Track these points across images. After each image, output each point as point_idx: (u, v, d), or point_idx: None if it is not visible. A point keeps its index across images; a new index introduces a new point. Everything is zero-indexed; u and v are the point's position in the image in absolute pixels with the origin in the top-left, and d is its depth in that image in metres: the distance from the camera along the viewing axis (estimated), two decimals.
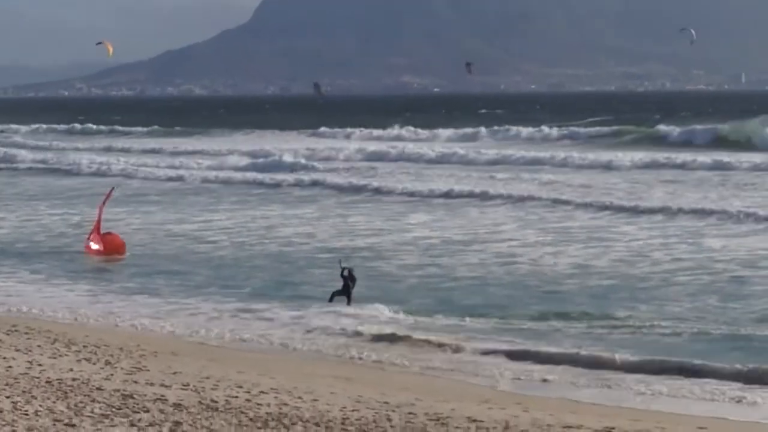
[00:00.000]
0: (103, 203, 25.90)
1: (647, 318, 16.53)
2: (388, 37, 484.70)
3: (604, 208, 31.33)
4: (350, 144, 64.23)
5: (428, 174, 45.40)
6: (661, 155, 48.04)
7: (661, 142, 58.50)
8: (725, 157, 45.54)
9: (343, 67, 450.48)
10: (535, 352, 14.07)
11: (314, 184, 41.47)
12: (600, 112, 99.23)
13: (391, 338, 15.35)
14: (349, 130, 77.44)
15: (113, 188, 29.70)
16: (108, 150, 66.50)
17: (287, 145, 64.29)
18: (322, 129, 79.45)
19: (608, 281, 20.44)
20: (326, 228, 29.64)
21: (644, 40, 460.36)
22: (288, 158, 50.38)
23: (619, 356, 13.51)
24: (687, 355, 13.51)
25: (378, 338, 15.46)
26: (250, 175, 45.45)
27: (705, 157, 45.56)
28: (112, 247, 24.44)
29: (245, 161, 53.03)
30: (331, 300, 17.93)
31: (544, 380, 13.02)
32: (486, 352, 14.43)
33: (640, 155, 48.36)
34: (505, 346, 14.56)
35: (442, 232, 28.14)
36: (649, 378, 12.69)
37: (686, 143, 55.86)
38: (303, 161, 49.77)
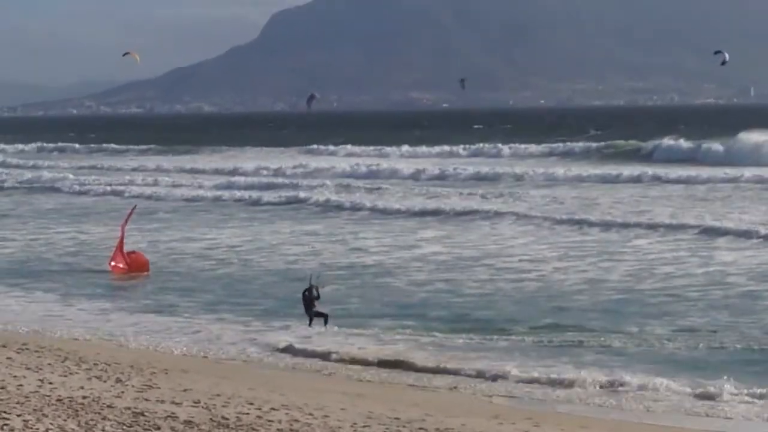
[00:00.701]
0: (125, 222, 26.56)
1: (660, 333, 16.71)
2: (396, 54, 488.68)
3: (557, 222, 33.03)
4: (340, 161, 65.72)
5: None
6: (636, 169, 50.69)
7: (641, 157, 60.17)
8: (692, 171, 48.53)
9: (351, 83, 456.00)
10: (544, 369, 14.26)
11: (296, 201, 42.96)
12: (603, 127, 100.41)
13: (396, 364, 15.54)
14: (335, 147, 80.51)
15: (135, 207, 30.50)
16: (118, 170, 68.18)
17: (290, 162, 66.22)
18: (315, 146, 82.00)
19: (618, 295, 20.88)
20: (328, 245, 30.26)
21: (652, 53, 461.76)
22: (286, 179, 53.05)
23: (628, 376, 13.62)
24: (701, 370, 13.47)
25: (383, 363, 15.61)
26: (255, 194, 46.25)
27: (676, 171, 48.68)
28: (137, 266, 25.09)
29: (250, 179, 54.94)
30: (310, 324, 17.80)
31: (556, 397, 13.17)
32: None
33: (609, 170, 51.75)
34: (514, 363, 14.75)
35: (452, 248, 28.93)
36: (658, 395, 12.79)
37: (667, 158, 57.72)
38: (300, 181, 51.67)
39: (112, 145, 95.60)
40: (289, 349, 16.59)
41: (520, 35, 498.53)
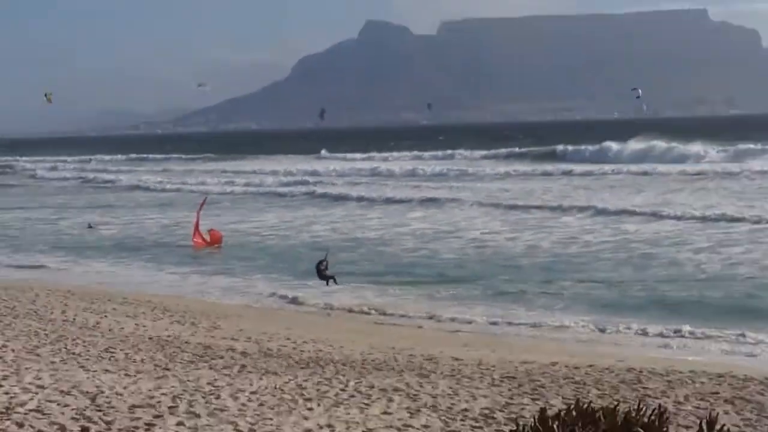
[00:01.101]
0: (200, 209, 32.69)
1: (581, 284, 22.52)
2: (387, 85, 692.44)
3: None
4: (347, 164, 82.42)
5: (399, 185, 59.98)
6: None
7: (562, 158, 75.46)
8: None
9: (355, 107, 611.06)
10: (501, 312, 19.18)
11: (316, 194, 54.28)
12: (536, 136, 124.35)
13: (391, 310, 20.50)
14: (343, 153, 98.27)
15: (206, 198, 36.68)
16: (190, 172, 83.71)
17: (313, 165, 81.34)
18: (323, 152, 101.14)
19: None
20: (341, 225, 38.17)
21: (574, 83, 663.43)
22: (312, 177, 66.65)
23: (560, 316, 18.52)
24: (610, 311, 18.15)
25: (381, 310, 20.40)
26: (286, 189, 58.80)
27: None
28: (215, 239, 31.24)
29: (284, 178, 67.38)
30: (327, 284, 22.39)
31: (509, 332, 17.73)
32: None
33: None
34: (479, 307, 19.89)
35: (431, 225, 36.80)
36: (578, 329, 17.38)
37: (579, 159, 73.09)
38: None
39: (182, 156, 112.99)
40: (314, 302, 21.55)
41: (476, 71, 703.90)
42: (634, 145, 74.82)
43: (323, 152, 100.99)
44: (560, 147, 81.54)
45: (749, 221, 32.43)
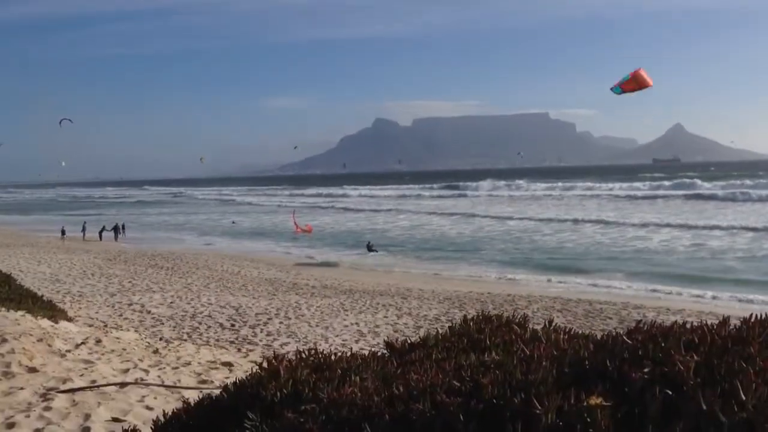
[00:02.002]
0: (293, 215, 47.75)
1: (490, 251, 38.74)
2: (387, 151, 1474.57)
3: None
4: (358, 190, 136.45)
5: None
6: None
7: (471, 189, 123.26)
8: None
9: (370, 162, 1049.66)
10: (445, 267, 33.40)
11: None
12: (459, 178, 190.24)
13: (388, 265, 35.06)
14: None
15: (294, 210, 54.96)
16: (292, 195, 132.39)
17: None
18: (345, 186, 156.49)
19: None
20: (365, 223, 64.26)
21: (482, 149, 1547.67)
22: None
23: (483, 269, 30.80)
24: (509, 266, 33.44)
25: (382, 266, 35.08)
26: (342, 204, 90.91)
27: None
28: (309, 229, 45.26)
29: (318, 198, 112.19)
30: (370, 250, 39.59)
31: (454, 276, 30.38)
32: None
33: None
34: (438, 264, 34.59)
35: (408, 222, 65.27)
36: (491, 279, 30.98)
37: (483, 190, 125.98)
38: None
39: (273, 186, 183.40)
40: (350, 261, 36.10)
41: (432, 143, 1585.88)
42: (494, 182, 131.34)
43: (345, 186, 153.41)
44: (470, 183, 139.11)
45: (570, 221, 57.82)
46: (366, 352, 3.48)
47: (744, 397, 2.03)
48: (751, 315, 2.52)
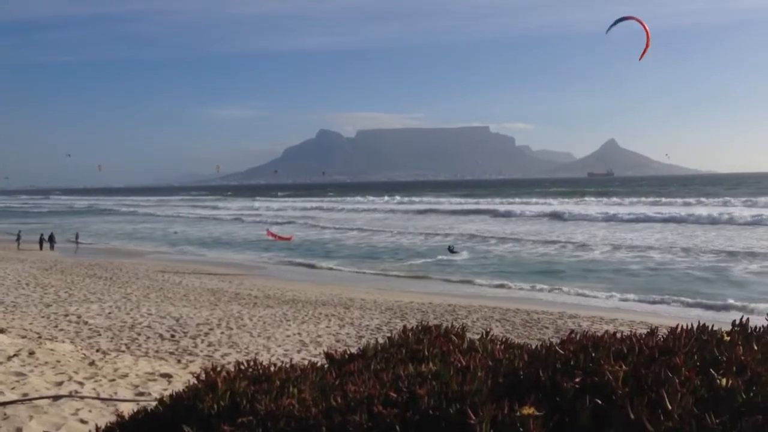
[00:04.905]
0: (268, 231, 50.35)
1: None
2: (331, 162, 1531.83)
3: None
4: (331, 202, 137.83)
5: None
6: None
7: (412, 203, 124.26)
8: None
9: (313, 173, 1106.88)
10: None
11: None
12: (402, 189, 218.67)
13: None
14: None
15: (268, 230, 54.09)
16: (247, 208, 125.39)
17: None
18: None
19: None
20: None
21: (425, 162, 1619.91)
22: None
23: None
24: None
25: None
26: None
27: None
28: (287, 238, 47.56)
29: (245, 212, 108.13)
30: (451, 252, 42.21)
31: (393, 285, 30.61)
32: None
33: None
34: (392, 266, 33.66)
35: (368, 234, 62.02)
36: (433, 282, 31.21)
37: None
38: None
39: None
40: (299, 263, 34.13)
41: (375, 155, 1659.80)
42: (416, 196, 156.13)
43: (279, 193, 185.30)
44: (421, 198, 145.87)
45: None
46: (306, 363, 3.48)
47: (670, 407, 2.09)
48: (677, 326, 2.60)
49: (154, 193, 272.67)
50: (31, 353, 10.78)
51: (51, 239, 50.82)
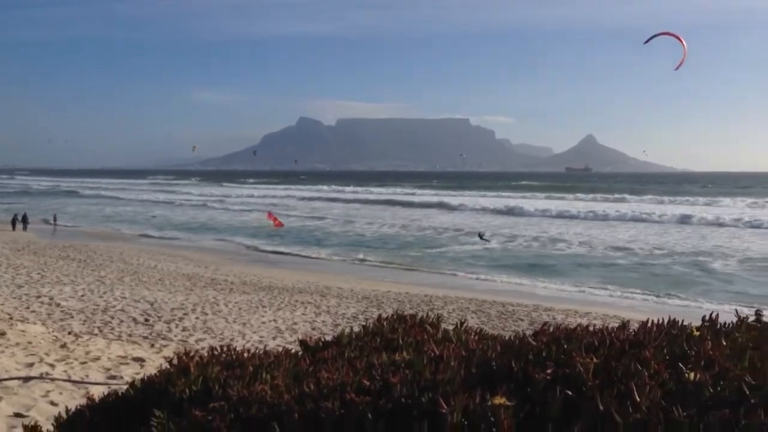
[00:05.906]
0: (269, 214, 48.09)
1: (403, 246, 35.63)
2: (311, 150, 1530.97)
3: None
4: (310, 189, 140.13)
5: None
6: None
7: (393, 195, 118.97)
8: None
9: (292, 160, 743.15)
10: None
11: None
12: (383, 179, 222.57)
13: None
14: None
15: (269, 212, 53.64)
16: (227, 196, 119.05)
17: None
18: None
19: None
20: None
21: (408, 153, 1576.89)
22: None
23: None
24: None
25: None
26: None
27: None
28: (279, 224, 45.50)
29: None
30: (481, 238, 42.20)
31: (372, 273, 30.21)
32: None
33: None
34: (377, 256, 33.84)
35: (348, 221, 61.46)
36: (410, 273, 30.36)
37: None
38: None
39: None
40: (271, 251, 34.00)
41: (356, 144, 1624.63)
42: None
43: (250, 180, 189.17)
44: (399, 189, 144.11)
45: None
46: (281, 350, 3.48)
47: (638, 399, 2.12)
48: (648, 320, 2.64)
49: (124, 176, 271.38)
50: (2, 334, 10.67)
51: (24, 220, 50.20)
